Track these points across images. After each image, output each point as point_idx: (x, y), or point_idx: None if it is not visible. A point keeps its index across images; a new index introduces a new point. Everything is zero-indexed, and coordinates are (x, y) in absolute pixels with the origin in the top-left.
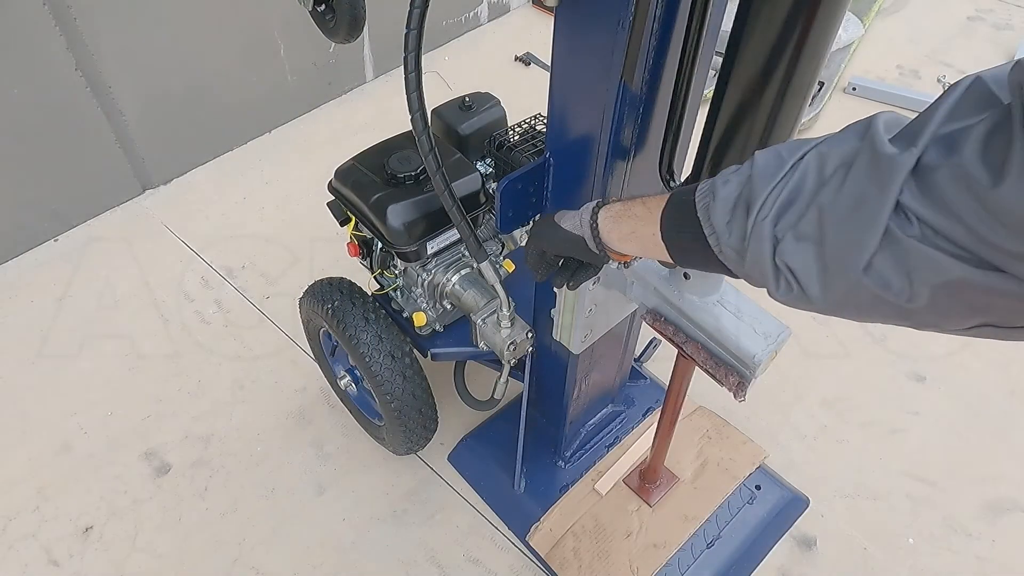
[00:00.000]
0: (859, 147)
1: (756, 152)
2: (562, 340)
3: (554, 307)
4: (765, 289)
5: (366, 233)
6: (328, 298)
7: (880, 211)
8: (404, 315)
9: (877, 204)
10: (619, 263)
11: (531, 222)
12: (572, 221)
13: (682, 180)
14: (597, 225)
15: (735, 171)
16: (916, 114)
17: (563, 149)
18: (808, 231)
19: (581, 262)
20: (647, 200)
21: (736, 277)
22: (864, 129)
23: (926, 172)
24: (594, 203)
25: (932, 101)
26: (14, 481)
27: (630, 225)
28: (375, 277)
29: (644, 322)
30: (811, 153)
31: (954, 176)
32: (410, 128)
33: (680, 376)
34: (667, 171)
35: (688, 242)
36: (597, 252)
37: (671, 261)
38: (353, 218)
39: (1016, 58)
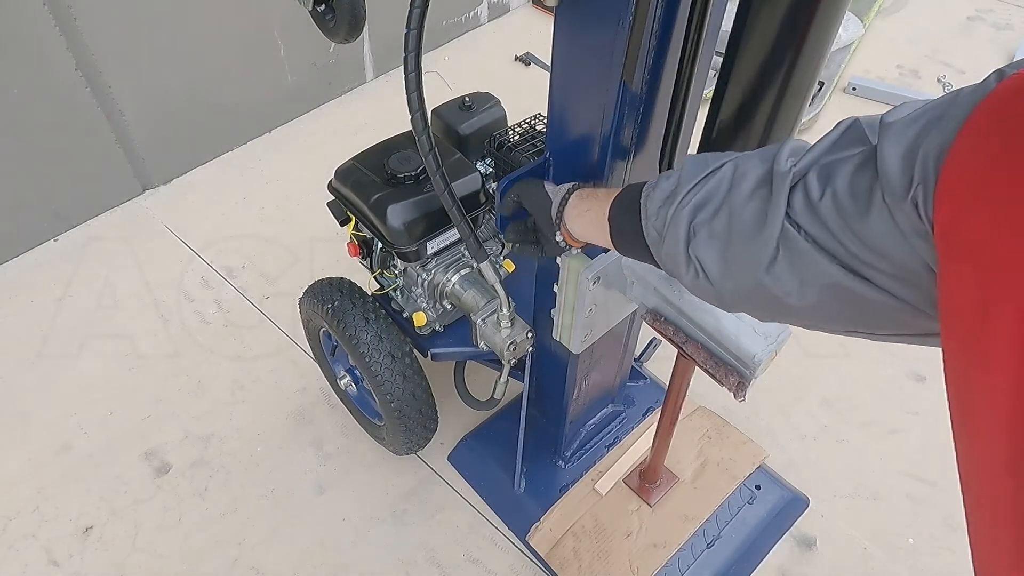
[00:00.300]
0: (765, 165)
1: (688, 155)
2: (562, 340)
3: (554, 307)
4: (674, 273)
5: (366, 233)
6: (328, 298)
7: (776, 218)
8: (404, 315)
9: (773, 213)
10: (565, 243)
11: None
12: (552, 187)
13: None
14: (568, 197)
15: (679, 169)
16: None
17: (563, 149)
18: (720, 230)
19: (535, 235)
20: (612, 189)
21: (653, 263)
22: (774, 151)
23: (811, 196)
24: (578, 182)
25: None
26: (14, 481)
27: (589, 204)
28: (375, 277)
29: (644, 322)
30: (729, 163)
31: (832, 202)
32: (410, 128)
33: (680, 376)
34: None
35: (628, 225)
36: (554, 221)
37: (610, 243)
38: (353, 218)
39: (905, 102)
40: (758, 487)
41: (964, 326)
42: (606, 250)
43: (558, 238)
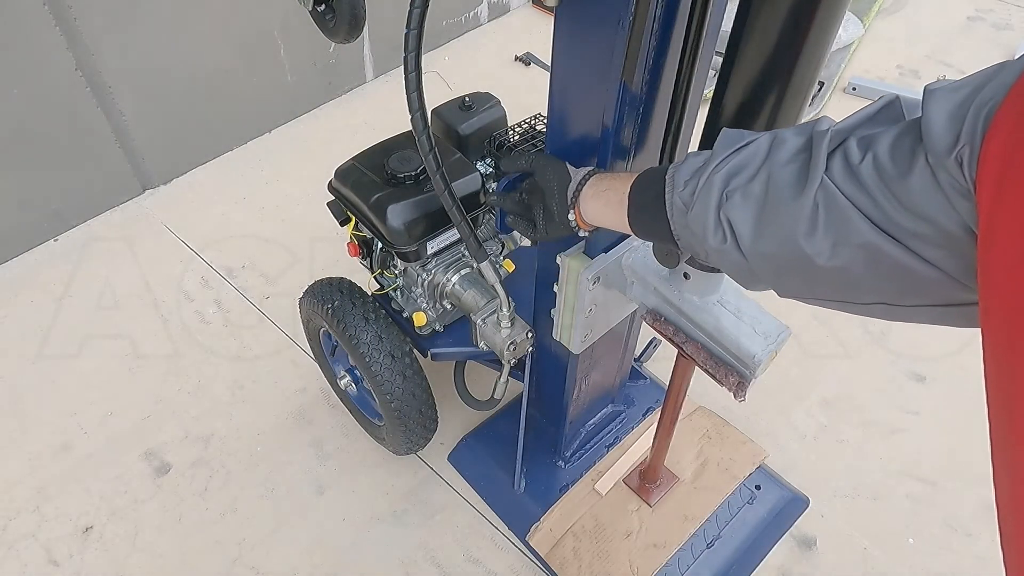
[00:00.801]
0: (803, 136)
1: (724, 129)
2: (562, 340)
3: (554, 307)
4: (694, 244)
5: (366, 233)
6: (328, 298)
7: (816, 175)
8: (404, 315)
9: (814, 171)
10: (576, 224)
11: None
12: (573, 168)
13: None
14: (587, 179)
15: (709, 150)
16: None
17: (563, 149)
18: (757, 192)
19: (536, 212)
20: (632, 172)
21: (669, 239)
22: (812, 123)
23: (851, 160)
24: (596, 167)
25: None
26: (14, 481)
27: (609, 183)
28: (375, 277)
29: (644, 322)
30: (766, 135)
31: (872, 165)
32: (410, 128)
33: (680, 376)
34: None
35: (649, 200)
36: (569, 199)
37: (625, 222)
38: (353, 218)
39: (927, 87)
40: (758, 487)
41: (1010, 277)
42: (606, 250)
43: (570, 217)
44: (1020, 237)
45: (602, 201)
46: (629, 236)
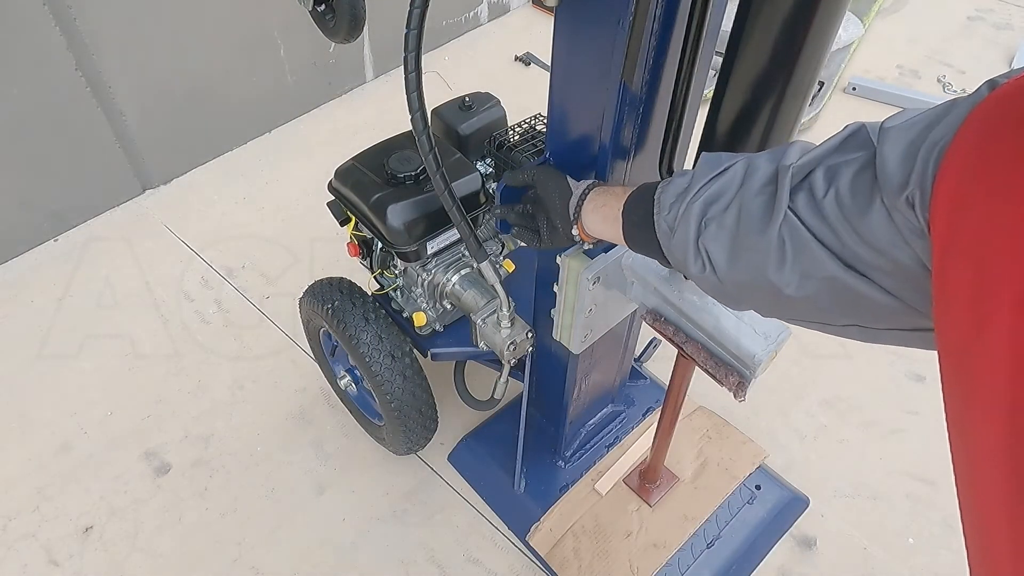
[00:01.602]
0: (773, 164)
1: (703, 153)
2: (562, 340)
3: (554, 307)
4: (680, 266)
5: (366, 233)
6: (328, 298)
7: (780, 210)
8: (404, 315)
9: (779, 206)
10: (579, 238)
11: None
12: (573, 182)
13: None
14: (587, 193)
15: (693, 169)
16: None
17: (563, 149)
18: (730, 223)
19: (540, 223)
20: (628, 186)
21: (662, 257)
22: (782, 150)
23: (816, 193)
24: (596, 180)
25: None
26: (14, 481)
27: (606, 199)
28: (375, 277)
29: (644, 322)
30: (741, 161)
31: (835, 200)
32: (410, 128)
33: (680, 376)
34: (667, 171)
35: (640, 218)
36: (571, 214)
37: (621, 237)
38: (353, 218)
39: (903, 110)
40: (758, 487)
41: (960, 314)
42: (606, 250)
43: (573, 232)
44: (968, 279)
45: (600, 216)
46: None
